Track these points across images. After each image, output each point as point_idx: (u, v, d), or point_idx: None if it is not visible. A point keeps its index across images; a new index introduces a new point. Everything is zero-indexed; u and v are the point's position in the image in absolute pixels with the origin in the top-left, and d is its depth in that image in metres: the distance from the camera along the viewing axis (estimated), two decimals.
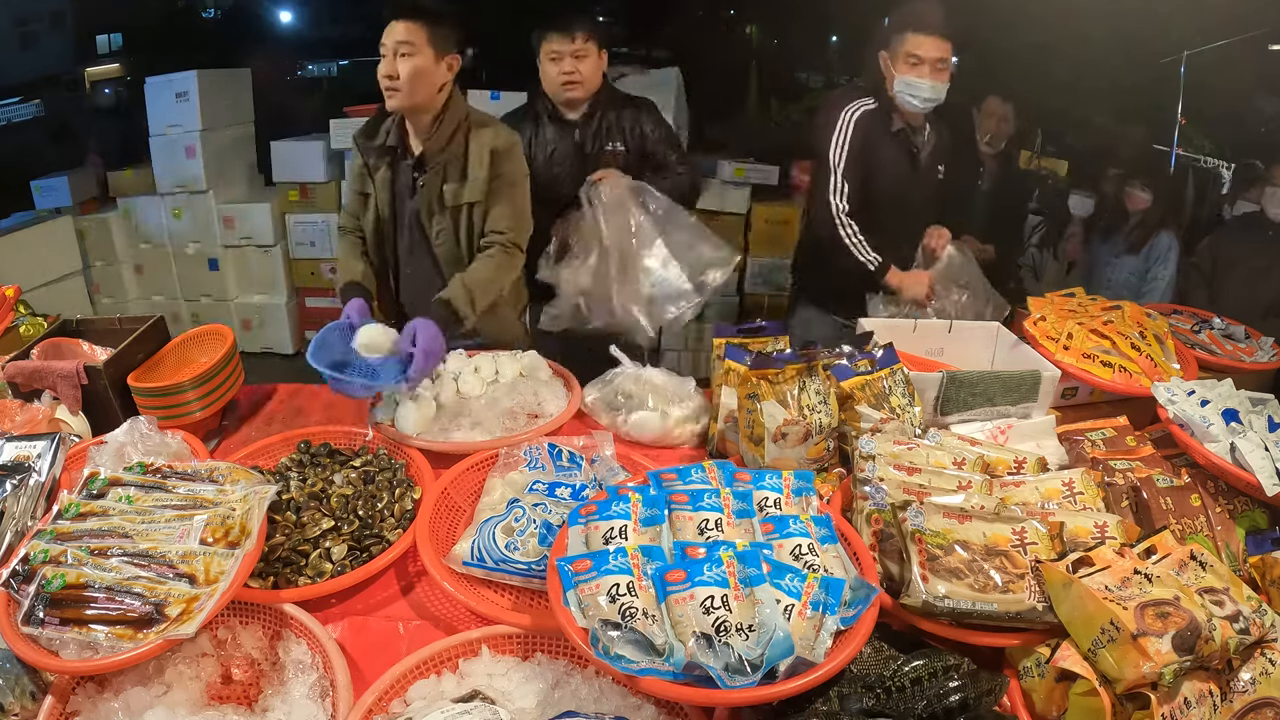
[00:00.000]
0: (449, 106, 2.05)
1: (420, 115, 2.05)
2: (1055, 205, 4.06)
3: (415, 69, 1.95)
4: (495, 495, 1.54)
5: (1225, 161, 4.26)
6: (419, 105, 2.01)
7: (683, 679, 1.06)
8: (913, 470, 1.49)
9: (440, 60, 1.98)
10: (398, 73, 1.95)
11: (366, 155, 2.16)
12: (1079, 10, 4.12)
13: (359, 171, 2.21)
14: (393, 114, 2.12)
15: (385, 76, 1.97)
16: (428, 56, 1.95)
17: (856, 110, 2.48)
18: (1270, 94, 4.28)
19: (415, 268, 2.24)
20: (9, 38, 5.32)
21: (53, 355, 1.95)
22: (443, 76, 2.01)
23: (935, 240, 2.54)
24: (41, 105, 5.29)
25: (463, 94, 2.12)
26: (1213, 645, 1.10)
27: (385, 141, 2.13)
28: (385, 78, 1.98)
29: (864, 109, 2.48)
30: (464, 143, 2.07)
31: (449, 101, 2.06)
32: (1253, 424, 1.62)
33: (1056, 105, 4.57)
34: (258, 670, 1.28)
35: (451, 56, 2.01)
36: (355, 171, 2.23)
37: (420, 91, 1.98)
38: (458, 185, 2.07)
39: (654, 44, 5.31)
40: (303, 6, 6.19)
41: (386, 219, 2.18)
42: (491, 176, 2.06)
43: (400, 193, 2.16)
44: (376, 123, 2.16)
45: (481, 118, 2.13)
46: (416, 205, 2.13)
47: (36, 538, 1.29)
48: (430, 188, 2.09)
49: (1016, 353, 2.03)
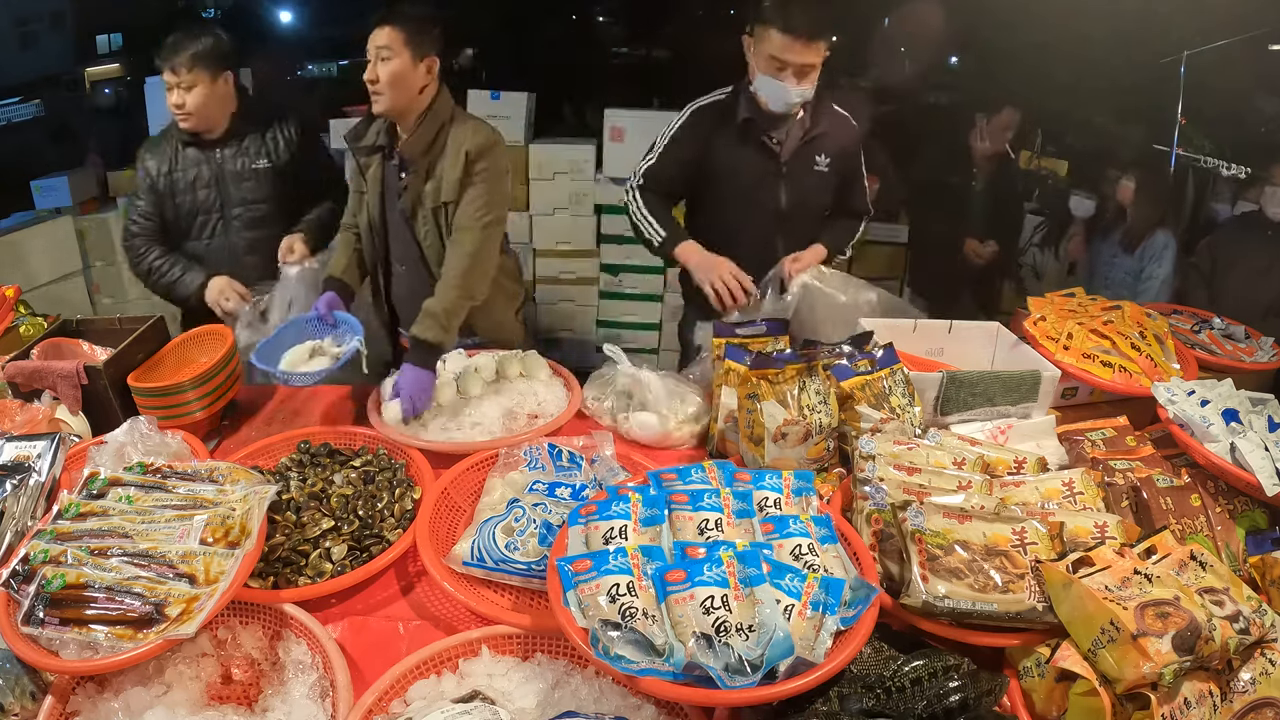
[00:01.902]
0: (432, 107, 2.09)
1: (406, 116, 2.09)
2: (1056, 205, 4.07)
3: (394, 72, 2.00)
4: (495, 495, 1.54)
5: (1225, 162, 4.26)
6: (400, 108, 2.06)
7: (683, 679, 1.06)
8: (913, 470, 1.49)
9: (419, 63, 2.03)
10: (379, 77, 2.01)
11: (357, 155, 2.21)
12: (1079, 10, 4.12)
13: (355, 172, 2.25)
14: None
15: (369, 81, 2.03)
16: (405, 59, 2.00)
17: (699, 102, 2.29)
18: (1270, 94, 4.27)
19: (405, 266, 2.27)
20: (9, 38, 5.31)
21: (53, 355, 1.95)
22: (422, 78, 2.05)
23: (790, 267, 2.15)
24: (41, 105, 5.28)
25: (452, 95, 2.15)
26: (1213, 645, 1.10)
27: (375, 141, 2.17)
28: (369, 82, 2.03)
29: (707, 100, 2.27)
30: (445, 143, 2.11)
31: (433, 103, 2.10)
32: (1253, 424, 1.62)
33: (1057, 105, 4.57)
34: (258, 670, 1.28)
35: (430, 59, 2.05)
36: (353, 172, 2.27)
37: (400, 94, 2.03)
38: (437, 186, 2.11)
39: (652, 43, 5.31)
40: (303, 6, 6.18)
41: (376, 218, 2.22)
42: (464, 176, 2.08)
43: (389, 192, 2.19)
44: (367, 123, 2.21)
45: (464, 118, 2.14)
46: (403, 205, 2.16)
47: (36, 538, 1.29)
48: (413, 188, 2.12)
49: (1016, 353, 2.03)
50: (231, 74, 2.35)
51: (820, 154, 2.25)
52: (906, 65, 4.78)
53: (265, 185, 2.41)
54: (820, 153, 2.25)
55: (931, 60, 5.02)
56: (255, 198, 2.41)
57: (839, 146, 2.27)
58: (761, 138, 2.21)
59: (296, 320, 2.08)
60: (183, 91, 2.25)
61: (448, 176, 2.08)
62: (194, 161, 2.36)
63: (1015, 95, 3.64)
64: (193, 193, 2.37)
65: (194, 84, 2.24)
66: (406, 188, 2.12)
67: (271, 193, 2.42)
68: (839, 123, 2.28)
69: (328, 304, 2.07)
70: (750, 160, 2.23)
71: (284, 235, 2.35)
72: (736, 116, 2.20)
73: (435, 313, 1.97)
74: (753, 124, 2.20)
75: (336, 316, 2.07)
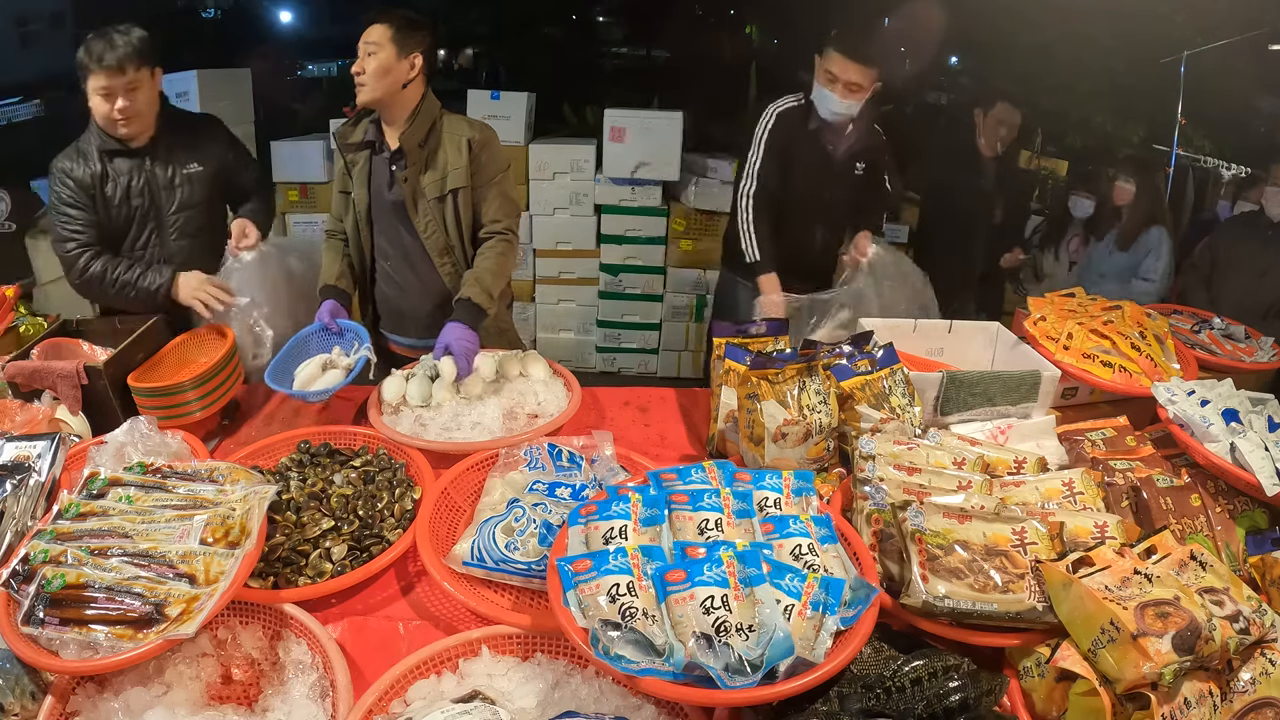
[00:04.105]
0: (424, 104, 2.16)
1: (391, 111, 2.15)
2: (1055, 205, 4.07)
3: (378, 65, 2.07)
4: (495, 495, 1.54)
5: (1225, 162, 4.27)
6: (382, 100, 2.11)
7: (683, 679, 1.06)
8: (913, 470, 1.49)
9: (404, 59, 2.09)
10: (365, 69, 2.08)
11: (345, 151, 2.24)
12: (1079, 11, 4.12)
13: (341, 172, 2.29)
14: (369, 113, 2.22)
15: (355, 73, 2.10)
16: (390, 54, 2.07)
17: (780, 106, 2.66)
18: (1270, 94, 4.28)
19: (391, 261, 2.30)
20: (9, 38, 5.31)
21: (53, 355, 1.95)
22: (406, 73, 2.11)
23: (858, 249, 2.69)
24: (41, 105, 5.28)
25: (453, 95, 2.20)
26: (1213, 645, 1.10)
27: (364, 137, 2.22)
28: (355, 74, 2.10)
29: (787, 105, 2.66)
30: (440, 136, 2.18)
31: (423, 99, 2.16)
32: (1253, 424, 1.62)
33: (1057, 105, 4.58)
34: (258, 670, 1.28)
35: (415, 56, 2.11)
36: (339, 173, 2.31)
37: (384, 85, 2.09)
38: (440, 175, 2.16)
39: (652, 43, 5.32)
40: (303, 6, 6.19)
41: (364, 214, 2.26)
42: (471, 163, 2.16)
43: (378, 187, 2.23)
44: (354, 122, 2.26)
45: (453, 115, 2.23)
46: (397, 198, 2.20)
47: (36, 538, 1.29)
48: (411, 181, 2.16)
49: (1016, 353, 2.03)
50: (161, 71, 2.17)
51: (859, 162, 2.71)
52: (907, 65, 4.79)
53: (199, 190, 2.26)
54: (859, 161, 2.71)
55: (932, 60, 5.03)
56: (189, 203, 2.25)
57: (872, 157, 2.74)
58: (825, 143, 2.64)
59: (301, 335, 2.10)
60: (127, 93, 2.06)
61: (452, 164, 2.15)
62: (123, 171, 2.17)
63: (1015, 95, 3.64)
64: (126, 204, 2.18)
65: (137, 84, 2.07)
66: (404, 180, 2.16)
67: (205, 197, 2.28)
68: (874, 137, 2.73)
69: (330, 312, 2.11)
70: (814, 160, 2.66)
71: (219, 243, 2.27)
72: (809, 122, 2.62)
73: (481, 278, 2.12)
74: (820, 130, 2.62)
75: (341, 324, 2.10)
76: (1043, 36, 4.28)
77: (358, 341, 2.03)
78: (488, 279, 2.13)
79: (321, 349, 2.07)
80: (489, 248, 2.20)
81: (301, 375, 1.96)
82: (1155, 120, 4.37)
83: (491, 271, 2.15)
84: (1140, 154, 4.19)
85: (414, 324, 2.35)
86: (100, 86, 2.05)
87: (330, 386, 1.92)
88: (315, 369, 1.98)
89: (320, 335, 2.10)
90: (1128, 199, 3.39)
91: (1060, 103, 4.56)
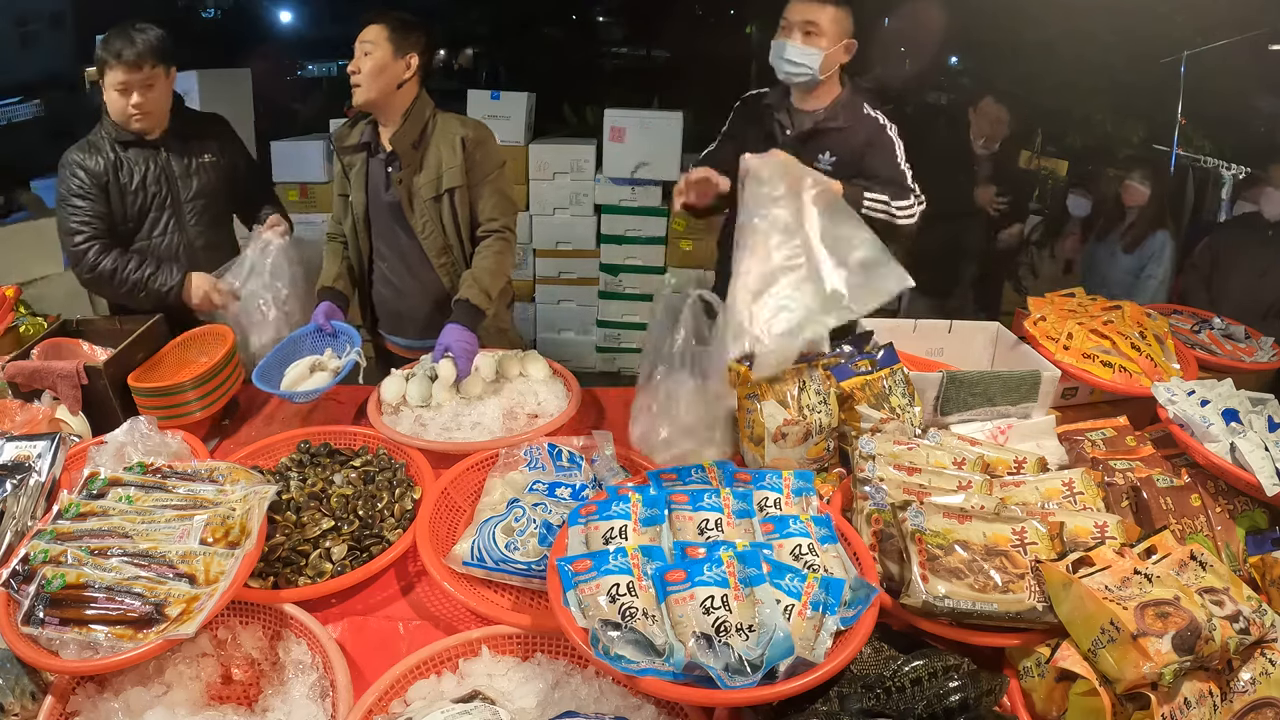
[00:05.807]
0: (417, 104, 2.17)
1: (386, 111, 2.15)
2: (1054, 205, 4.07)
3: (373, 64, 2.08)
4: (495, 495, 1.54)
5: (1225, 162, 4.27)
6: (377, 100, 2.12)
7: (683, 679, 1.06)
8: (913, 470, 1.49)
9: (399, 58, 2.10)
10: (360, 69, 2.09)
11: (342, 154, 2.25)
12: (1079, 10, 4.12)
13: (339, 176, 2.30)
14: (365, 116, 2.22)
15: (351, 73, 2.11)
16: (386, 53, 2.08)
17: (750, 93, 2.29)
18: (1270, 94, 4.28)
19: (390, 263, 2.30)
20: (9, 38, 5.31)
21: (53, 355, 1.95)
22: (401, 73, 2.11)
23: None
24: (41, 105, 5.28)
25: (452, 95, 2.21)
26: (1213, 645, 1.10)
27: (360, 140, 2.23)
28: (351, 74, 2.11)
29: (757, 91, 2.26)
30: (434, 136, 2.18)
31: (417, 99, 2.17)
32: (1253, 424, 1.62)
33: (1056, 105, 4.58)
34: (258, 670, 1.28)
35: (411, 56, 2.12)
36: (337, 176, 2.32)
37: (379, 85, 2.09)
38: (435, 175, 2.16)
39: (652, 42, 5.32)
40: (303, 6, 6.19)
41: (361, 216, 2.26)
42: (466, 161, 2.16)
43: (374, 188, 2.23)
44: (351, 124, 2.27)
45: (446, 114, 2.23)
46: (393, 199, 2.20)
47: (36, 538, 1.29)
48: (406, 182, 2.17)
49: (1016, 353, 2.03)
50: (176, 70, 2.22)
51: (826, 151, 2.08)
52: (907, 65, 4.79)
53: (213, 179, 2.30)
54: (826, 150, 2.08)
55: (931, 60, 5.03)
56: (205, 191, 2.28)
57: (854, 152, 2.08)
58: (775, 115, 2.15)
59: (294, 335, 2.12)
60: (143, 89, 2.11)
61: (447, 163, 2.15)
62: (138, 160, 2.21)
63: (1016, 93, 3.65)
64: (143, 190, 2.20)
65: (153, 81, 2.12)
66: (400, 181, 2.16)
67: (221, 187, 2.32)
68: (865, 125, 2.09)
69: (326, 314, 2.12)
70: (754, 135, 2.14)
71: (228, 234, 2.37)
72: (766, 99, 2.20)
73: (479, 278, 2.11)
74: (770, 98, 2.18)
75: (335, 326, 2.11)
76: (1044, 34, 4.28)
77: (350, 344, 2.04)
78: (485, 279, 2.13)
79: (314, 350, 2.07)
80: (486, 247, 2.20)
81: (290, 376, 1.97)
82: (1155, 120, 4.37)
83: (489, 271, 2.15)
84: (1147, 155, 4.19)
85: (412, 325, 2.36)
86: (118, 81, 2.11)
87: (316, 388, 1.92)
88: (304, 370, 1.98)
89: (314, 336, 2.11)
90: (1141, 200, 3.37)
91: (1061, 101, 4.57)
